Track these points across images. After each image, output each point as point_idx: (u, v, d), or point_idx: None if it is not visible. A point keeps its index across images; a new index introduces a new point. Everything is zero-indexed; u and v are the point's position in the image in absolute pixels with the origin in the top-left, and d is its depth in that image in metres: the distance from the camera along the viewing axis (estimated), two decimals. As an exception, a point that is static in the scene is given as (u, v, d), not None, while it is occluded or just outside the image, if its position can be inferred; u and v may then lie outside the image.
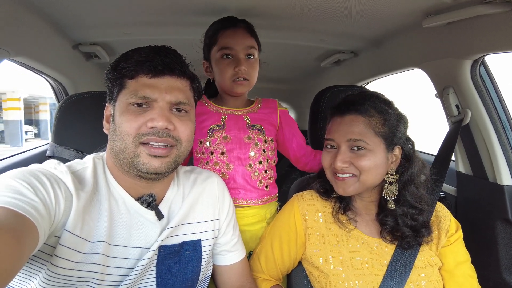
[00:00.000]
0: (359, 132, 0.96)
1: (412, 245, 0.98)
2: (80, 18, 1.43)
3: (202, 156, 1.26)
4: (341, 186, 0.99)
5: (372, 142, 0.95)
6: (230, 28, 1.21)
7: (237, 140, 1.24)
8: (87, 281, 0.79)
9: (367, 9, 1.29)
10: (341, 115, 1.00)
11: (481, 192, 1.43)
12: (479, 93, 1.36)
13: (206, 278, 1.04)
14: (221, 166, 1.23)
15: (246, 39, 1.21)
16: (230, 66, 1.20)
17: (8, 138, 13.67)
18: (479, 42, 1.22)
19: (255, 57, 1.25)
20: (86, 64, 1.98)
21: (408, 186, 1.00)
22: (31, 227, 0.62)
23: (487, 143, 1.37)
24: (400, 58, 1.70)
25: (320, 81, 2.60)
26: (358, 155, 0.96)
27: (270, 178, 1.31)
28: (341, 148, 0.98)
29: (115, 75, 0.85)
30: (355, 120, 0.97)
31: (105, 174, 0.88)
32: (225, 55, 1.21)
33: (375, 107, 0.98)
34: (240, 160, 1.24)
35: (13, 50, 1.21)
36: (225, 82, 1.22)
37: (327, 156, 1.03)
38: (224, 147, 1.23)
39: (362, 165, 0.95)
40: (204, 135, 1.24)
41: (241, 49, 1.20)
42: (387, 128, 0.97)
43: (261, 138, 1.26)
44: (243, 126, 1.26)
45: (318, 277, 1.02)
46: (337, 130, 0.99)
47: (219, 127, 1.25)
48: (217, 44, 1.21)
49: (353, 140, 0.96)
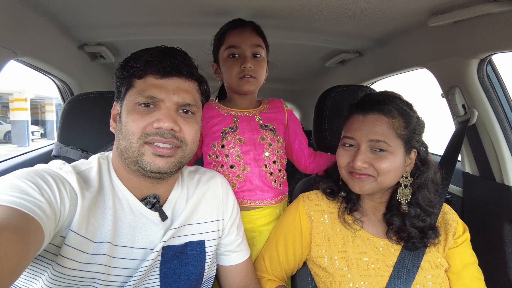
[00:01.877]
0: (382, 133, 0.94)
1: (418, 247, 0.97)
2: (86, 18, 1.44)
3: (216, 160, 1.25)
4: (358, 184, 0.97)
5: (393, 144, 0.94)
6: (237, 28, 1.22)
7: (252, 142, 1.24)
8: (92, 282, 0.79)
9: (372, 9, 1.28)
10: (364, 113, 0.98)
11: (488, 193, 1.42)
12: (486, 92, 1.34)
13: (210, 278, 1.04)
14: (237, 168, 1.23)
15: (252, 37, 1.22)
16: (236, 64, 1.20)
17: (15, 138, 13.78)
18: (486, 41, 1.21)
19: (262, 56, 1.25)
20: (92, 64, 1.99)
21: (421, 189, 1.00)
22: (36, 226, 0.63)
23: (494, 143, 1.35)
24: (406, 57, 1.69)
25: (324, 81, 2.59)
26: (379, 157, 0.94)
27: (283, 177, 1.32)
28: (361, 147, 0.96)
29: (124, 74, 0.85)
30: (379, 120, 0.95)
31: (110, 174, 0.88)
32: (232, 54, 1.21)
33: (398, 109, 0.96)
34: (256, 162, 1.24)
35: (20, 51, 1.22)
36: (232, 80, 1.23)
37: (345, 154, 1.00)
38: (239, 149, 1.23)
39: (382, 167, 0.94)
40: (217, 138, 1.24)
41: (247, 47, 1.20)
42: (408, 131, 0.96)
43: (274, 138, 1.27)
44: (256, 127, 1.27)
45: (323, 278, 1.01)
46: (359, 129, 0.97)
47: (232, 129, 1.25)
48: (225, 43, 1.23)
49: (376, 140, 0.94)
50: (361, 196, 1.05)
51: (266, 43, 1.28)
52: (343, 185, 1.06)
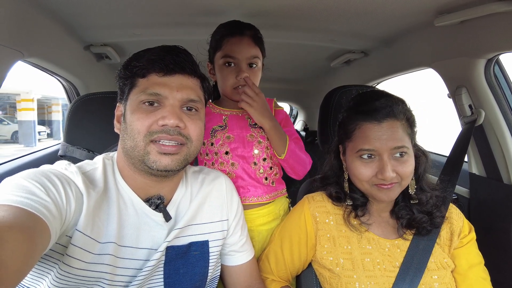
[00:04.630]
0: (401, 138, 0.92)
1: (430, 230, 0.98)
2: (91, 19, 1.45)
3: (206, 158, 1.27)
4: (387, 194, 0.95)
5: (409, 145, 0.94)
6: (236, 36, 1.21)
7: (240, 139, 1.25)
8: (98, 281, 0.80)
9: (378, 8, 1.28)
10: (377, 121, 0.93)
11: (495, 194, 1.40)
12: (493, 93, 1.33)
13: (214, 279, 1.04)
14: (226, 165, 1.24)
15: (250, 48, 1.21)
16: (232, 74, 1.20)
17: (22, 138, 13.90)
18: (493, 40, 1.19)
19: (258, 66, 1.25)
20: (97, 65, 2.00)
21: (424, 176, 1.02)
22: (43, 226, 0.63)
23: (501, 143, 1.34)
24: (412, 57, 1.68)
25: (330, 81, 2.58)
26: (402, 162, 0.93)
27: (275, 174, 1.31)
28: (384, 157, 0.92)
29: (127, 74, 0.85)
30: (394, 126, 0.93)
31: (115, 175, 0.88)
32: (227, 63, 1.21)
33: (402, 109, 0.96)
34: (244, 159, 1.25)
35: (27, 52, 1.23)
36: (227, 89, 1.23)
37: (366, 168, 0.95)
38: (228, 146, 1.24)
39: (407, 171, 0.93)
40: (207, 136, 1.25)
41: (244, 58, 1.20)
42: (411, 129, 0.97)
43: (263, 136, 1.26)
44: (245, 125, 1.27)
45: (329, 279, 1.01)
46: (378, 139, 0.92)
47: (221, 127, 1.26)
48: (222, 50, 1.22)
49: (397, 147, 0.92)
50: (369, 200, 1.04)
51: (263, 50, 1.27)
52: (349, 193, 1.05)
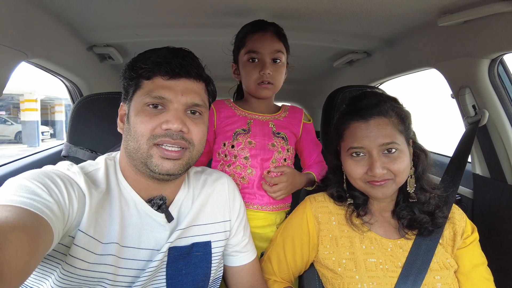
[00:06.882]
0: (389, 135, 0.94)
1: (432, 231, 0.98)
2: (95, 20, 1.45)
3: (224, 159, 1.26)
4: (380, 190, 0.96)
5: (399, 141, 0.95)
6: (259, 32, 1.22)
7: (262, 146, 1.25)
8: (100, 281, 0.80)
9: (381, 8, 1.27)
10: (364, 120, 0.96)
11: (499, 195, 1.39)
12: (497, 93, 1.32)
13: (217, 279, 1.04)
14: (243, 170, 1.24)
15: (273, 43, 1.22)
16: (255, 70, 1.21)
17: (26, 138, 13.94)
18: (497, 40, 1.19)
19: (282, 61, 1.25)
20: (100, 65, 2.01)
21: (424, 175, 1.02)
22: (46, 226, 0.63)
23: (505, 144, 1.33)
24: (415, 58, 1.67)
25: (332, 82, 2.58)
26: (392, 158, 0.94)
27: None
28: (373, 154, 0.95)
29: (132, 74, 0.85)
30: (381, 123, 0.95)
31: (117, 175, 0.88)
32: (251, 59, 1.22)
33: (391, 107, 0.97)
34: (262, 166, 1.24)
35: (31, 53, 1.24)
36: (250, 85, 1.24)
37: (357, 166, 0.98)
38: (248, 152, 1.24)
39: (398, 168, 0.94)
40: (229, 138, 1.25)
41: (267, 53, 1.20)
42: (404, 125, 0.98)
43: (284, 147, 1.27)
44: (269, 132, 1.27)
45: (331, 279, 1.01)
46: (366, 137, 0.95)
47: (244, 131, 1.25)
48: (245, 47, 1.23)
49: (386, 143, 0.94)
50: (369, 199, 1.04)
51: (287, 46, 1.28)
52: (348, 191, 1.06)
